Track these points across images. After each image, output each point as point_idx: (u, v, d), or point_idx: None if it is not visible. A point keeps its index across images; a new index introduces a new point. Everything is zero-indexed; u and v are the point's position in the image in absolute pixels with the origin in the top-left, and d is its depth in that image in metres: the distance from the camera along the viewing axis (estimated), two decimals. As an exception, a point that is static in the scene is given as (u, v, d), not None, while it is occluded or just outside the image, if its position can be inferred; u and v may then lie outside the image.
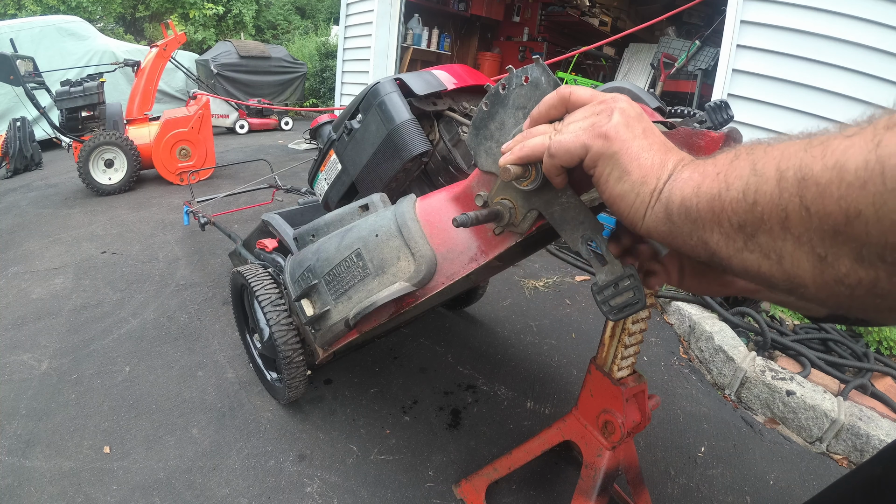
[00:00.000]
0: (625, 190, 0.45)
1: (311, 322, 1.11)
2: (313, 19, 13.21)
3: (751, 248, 0.35)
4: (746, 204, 0.35)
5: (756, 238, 0.35)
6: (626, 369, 1.05)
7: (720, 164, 0.39)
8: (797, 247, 0.32)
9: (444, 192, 0.93)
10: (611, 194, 0.47)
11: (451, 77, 1.31)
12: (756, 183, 0.34)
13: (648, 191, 0.44)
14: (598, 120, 0.48)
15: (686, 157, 0.45)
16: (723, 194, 0.37)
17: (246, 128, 6.61)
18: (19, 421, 1.48)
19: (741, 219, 0.35)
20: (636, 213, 0.45)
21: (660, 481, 1.40)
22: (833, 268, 0.30)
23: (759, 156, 0.36)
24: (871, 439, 1.52)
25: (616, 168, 0.46)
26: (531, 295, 2.40)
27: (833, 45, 2.50)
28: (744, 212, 0.35)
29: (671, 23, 5.04)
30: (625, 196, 0.45)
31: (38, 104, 3.65)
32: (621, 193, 0.46)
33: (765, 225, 0.34)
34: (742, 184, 0.35)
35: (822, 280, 0.31)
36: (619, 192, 0.46)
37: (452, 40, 6.93)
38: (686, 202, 0.40)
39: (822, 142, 0.31)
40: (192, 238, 2.87)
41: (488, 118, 0.70)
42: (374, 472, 1.36)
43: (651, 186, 0.44)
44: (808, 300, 0.34)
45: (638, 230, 0.46)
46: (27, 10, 9.43)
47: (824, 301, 0.33)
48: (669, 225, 0.42)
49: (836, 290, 0.31)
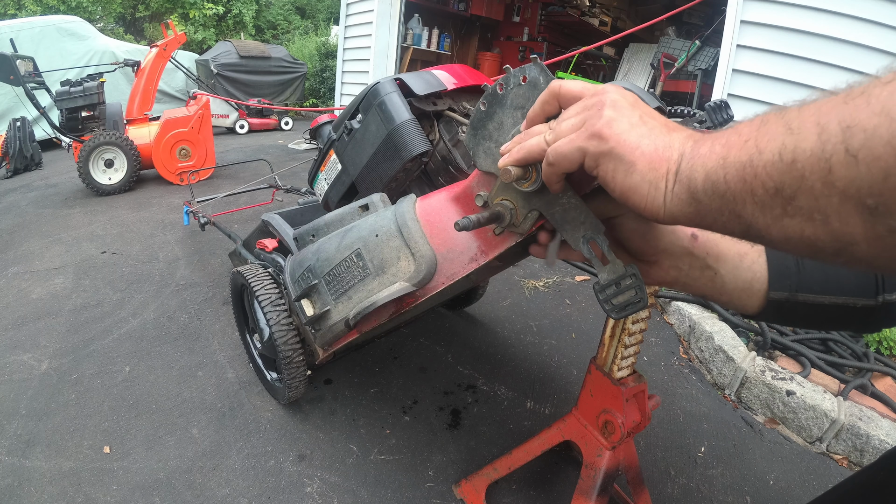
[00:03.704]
0: (635, 182, 0.43)
1: (311, 322, 1.11)
2: (313, 19, 13.21)
3: (791, 212, 0.33)
4: (784, 164, 0.33)
5: (796, 200, 0.33)
6: (626, 369, 1.05)
7: (745, 131, 0.37)
8: (844, 201, 0.30)
9: (444, 192, 0.93)
10: (622, 190, 0.45)
11: (451, 77, 1.31)
12: (794, 141, 0.32)
13: (661, 176, 0.42)
14: (589, 117, 0.47)
15: (694, 133, 0.43)
16: (754, 160, 0.35)
17: (246, 128, 6.61)
18: (19, 421, 1.48)
19: (778, 182, 0.33)
20: (654, 202, 0.43)
21: (660, 481, 1.40)
22: (885, 217, 0.29)
23: (793, 116, 0.34)
24: (871, 439, 1.52)
25: (620, 163, 0.44)
26: (531, 295, 2.40)
27: (833, 45, 2.50)
28: (780, 173, 0.33)
29: (671, 23, 5.04)
30: (637, 188, 0.43)
31: (38, 104, 3.65)
32: (632, 186, 0.44)
33: (805, 183, 0.32)
34: (777, 145, 0.33)
35: (874, 233, 0.30)
36: (629, 185, 0.44)
37: (452, 40, 6.93)
38: (712, 176, 0.38)
39: (861, 92, 0.30)
40: (192, 238, 2.87)
41: (486, 118, 0.70)
42: (374, 472, 1.36)
43: (663, 171, 0.42)
44: (858, 261, 0.32)
45: (661, 219, 0.44)
46: (27, 10, 9.44)
47: (876, 258, 0.31)
48: (696, 205, 0.40)
49: (891, 242, 0.30)
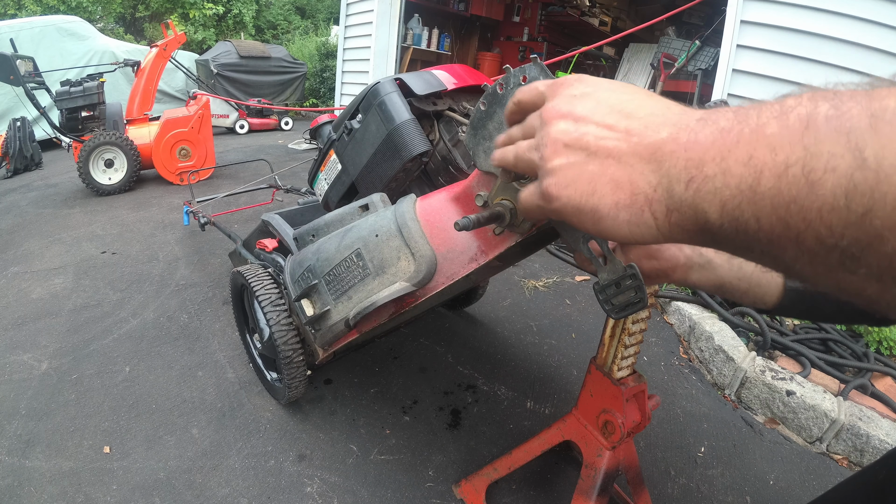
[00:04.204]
0: (607, 227, 0.34)
1: (311, 322, 1.11)
2: (313, 19, 13.21)
3: (852, 268, 0.24)
4: (852, 215, 0.23)
5: (864, 259, 0.23)
6: (626, 369, 1.05)
7: (781, 140, 0.25)
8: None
9: (444, 192, 0.93)
10: (598, 234, 0.36)
11: (451, 77, 1.31)
12: (868, 180, 0.22)
13: (639, 210, 0.33)
14: (539, 160, 0.38)
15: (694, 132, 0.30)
16: (803, 199, 0.24)
17: (246, 128, 6.61)
18: (19, 421, 1.48)
19: (840, 236, 0.24)
20: (643, 237, 0.34)
21: (660, 481, 1.40)
22: None
23: (859, 124, 0.23)
24: (871, 439, 1.52)
25: (581, 216, 0.36)
26: (531, 295, 2.40)
27: (833, 45, 2.50)
28: (846, 226, 0.23)
29: (671, 23, 5.04)
30: (613, 231, 0.34)
31: (38, 104, 3.65)
32: (606, 230, 0.35)
33: (885, 244, 0.22)
34: (840, 180, 0.23)
35: None
36: (603, 230, 0.35)
37: (452, 40, 6.93)
38: (734, 212, 0.27)
39: None
40: (192, 238, 2.87)
41: (486, 118, 0.70)
42: (374, 472, 1.36)
43: (639, 205, 0.32)
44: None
45: (661, 243, 0.35)
46: (27, 10, 9.43)
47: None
48: (710, 236, 0.30)
49: None
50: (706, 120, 0.30)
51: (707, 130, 0.29)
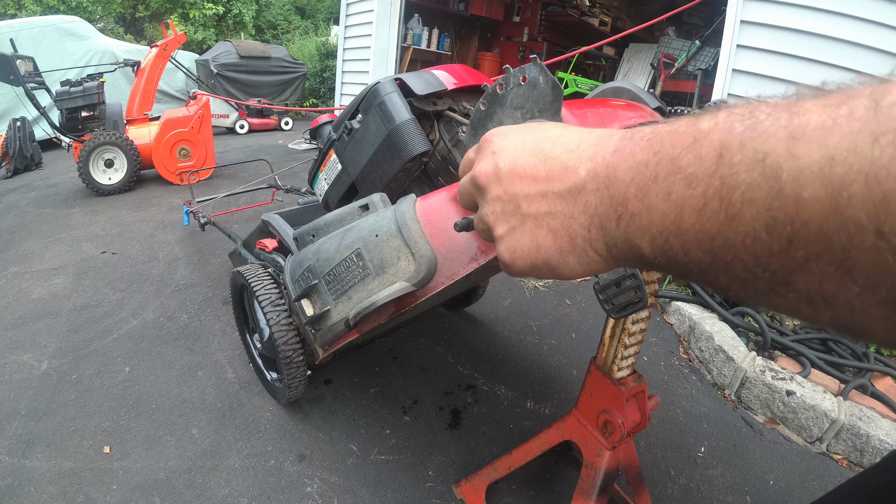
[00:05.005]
0: (565, 271, 0.36)
1: (311, 322, 1.11)
2: (313, 19, 13.21)
3: (782, 292, 0.24)
4: (774, 245, 0.22)
5: (792, 284, 0.23)
6: (626, 369, 1.05)
7: (694, 170, 0.25)
8: (865, 293, 0.21)
9: (444, 192, 0.93)
10: (562, 278, 0.37)
11: (451, 77, 1.31)
12: (787, 209, 0.21)
13: (585, 250, 0.34)
14: (487, 230, 0.41)
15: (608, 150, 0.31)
16: (726, 232, 0.24)
17: (246, 128, 6.61)
18: (19, 421, 1.48)
19: (765, 265, 0.23)
20: (599, 270, 0.35)
21: (660, 481, 1.40)
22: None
23: (776, 148, 0.21)
24: (871, 439, 1.52)
25: (538, 269, 0.37)
26: (531, 295, 2.40)
27: (833, 45, 2.50)
28: (769, 256, 0.23)
29: (671, 23, 5.04)
30: (573, 272, 0.36)
31: (38, 104, 3.65)
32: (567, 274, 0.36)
33: (810, 270, 0.22)
34: (758, 211, 0.22)
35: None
36: (563, 274, 0.36)
37: (452, 40, 6.93)
38: (662, 246, 0.27)
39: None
40: (192, 238, 2.87)
41: (486, 118, 0.70)
42: (374, 472, 1.36)
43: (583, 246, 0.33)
44: (866, 339, 0.25)
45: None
46: (27, 10, 9.44)
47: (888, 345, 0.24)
48: (648, 265, 0.30)
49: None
50: (622, 152, 0.30)
51: (625, 165, 0.29)
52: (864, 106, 0.20)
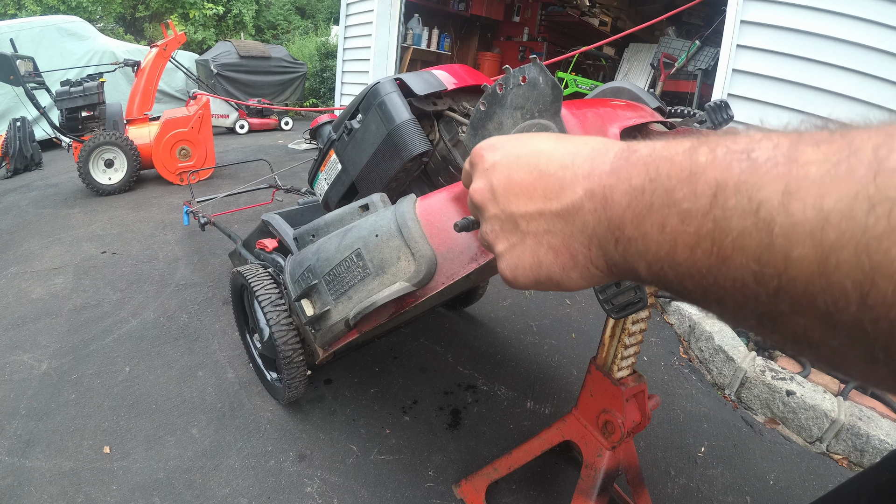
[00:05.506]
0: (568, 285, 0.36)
1: (311, 322, 1.11)
2: (313, 19, 13.21)
3: (769, 330, 0.24)
4: (761, 293, 0.22)
5: (778, 326, 0.23)
6: (626, 369, 1.05)
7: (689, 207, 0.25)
8: (849, 345, 0.21)
9: (444, 192, 0.93)
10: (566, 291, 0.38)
11: (451, 77, 1.31)
12: (775, 263, 0.21)
13: (587, 267, 0.34)
14: (489, 247, 0.42)
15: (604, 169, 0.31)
16: (715, 272, 0.24)
17: (246, 128, 6.61)
18: (19, 421, 1.48)
19: (754, 306, 0.23)
20: (601, 282, 0.36)
21: (660, 481, 1.40)
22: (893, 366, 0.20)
23: (771, 196, 0.21)
24: (871, 439, 1.52)
25: (542, 284, 0.38)
26: (531, 295, 2.40)
27: (833, 45, 2.50)
28: (757, 300, 0.23)
29: (671, 23, 5.04)
30: (576, 286, 0.36)
31: (38, 104, 3.64)
32: (571, 287, 0.37)
33: (795, 320, 0.22)
34: (747, 260, 0.22)
35: (876, 377, 0.22)
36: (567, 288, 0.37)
37: (452, 40, 6.93)
38: (659, 273, 0.28)
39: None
40: (192, 238, 2.87)
41: (486, 118, 0.70)
42: (374, 472, 1.36)
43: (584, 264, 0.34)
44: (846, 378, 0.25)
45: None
46: (27, 10, 9.43)
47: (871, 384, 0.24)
48: (646, 283, 0.31)
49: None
50: (618, 174, 0.30)
51: (622, 188, 0.29)
52: (866, 165, 0.19)
